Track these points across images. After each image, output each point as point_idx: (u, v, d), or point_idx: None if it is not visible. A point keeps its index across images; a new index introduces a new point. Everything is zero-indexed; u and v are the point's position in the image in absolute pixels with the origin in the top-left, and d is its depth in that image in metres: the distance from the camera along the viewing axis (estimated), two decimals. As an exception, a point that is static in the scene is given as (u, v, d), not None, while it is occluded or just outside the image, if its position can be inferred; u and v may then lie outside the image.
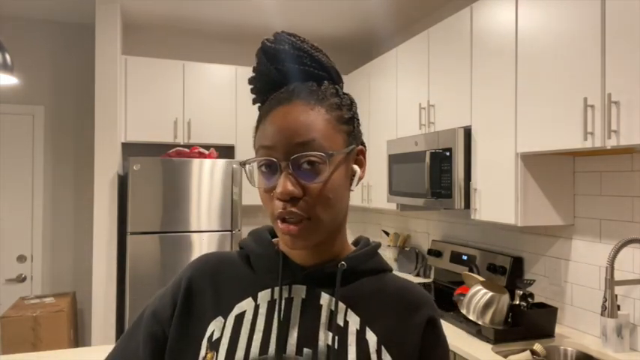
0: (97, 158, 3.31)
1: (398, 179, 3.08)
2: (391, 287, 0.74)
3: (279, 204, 0.64)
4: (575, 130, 1.87)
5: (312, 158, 0.63)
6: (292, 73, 0.69)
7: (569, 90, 1.90)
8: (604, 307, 1.81)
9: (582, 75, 1.85)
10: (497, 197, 2.32)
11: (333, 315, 0.67)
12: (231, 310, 0.69)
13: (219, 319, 0.69)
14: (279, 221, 0.65)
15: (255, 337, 0.66)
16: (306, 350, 0.65)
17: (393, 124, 3.31)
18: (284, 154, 0.63)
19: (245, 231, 3.83)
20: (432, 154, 2.66)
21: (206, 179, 3.45)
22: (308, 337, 0.66)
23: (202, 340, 0.68)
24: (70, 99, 3.88)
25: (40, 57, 3.82)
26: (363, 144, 0.75)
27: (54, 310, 3.24)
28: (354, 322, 0.68)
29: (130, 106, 3.59)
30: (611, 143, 1.72)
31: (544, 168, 2.23)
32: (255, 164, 0.67)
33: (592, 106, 1.79)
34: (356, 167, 0.71)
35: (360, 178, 0.71)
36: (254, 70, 0.72)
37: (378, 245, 0.79)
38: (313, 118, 0.65)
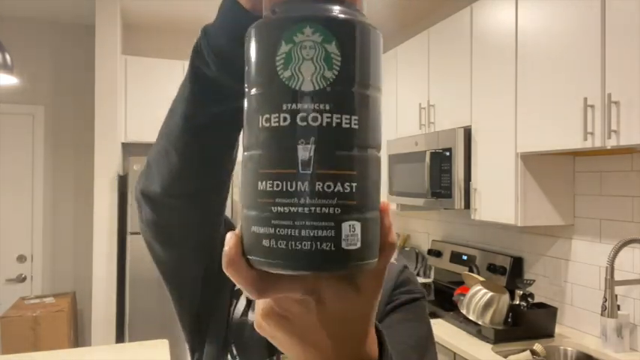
0: (97, 158, 3.31)
1: (398, 179, 3.07)
2: None
3: None
4: (575, 130, 1.87)
5: None
6: None
7: (569, 90, 1.90)
8: (604, 307, 1.81)
9: (582, 75, 1.85)
10: (497, 197, 2.31)
11: None
12: None
13: None
14: None
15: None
16: None
17: (393, 124, 3.31)
18: None
19: (245, 231, 3.83)
20: (432, 154, 2.66)
21: (206, 179, 3.45)
22: None
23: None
24: (70, 99, 3.88)
25: (40, 57, 3.82)
26: None
27: (54, 310, 3.24)
28: None
29: (130, 106, 3.59)
30: (611, 143, 1.72)
31: (544, 168, 2.23)
32: None
33: (592, 106, 1.79)
34: None
35: None
36: None
37: None
38: None
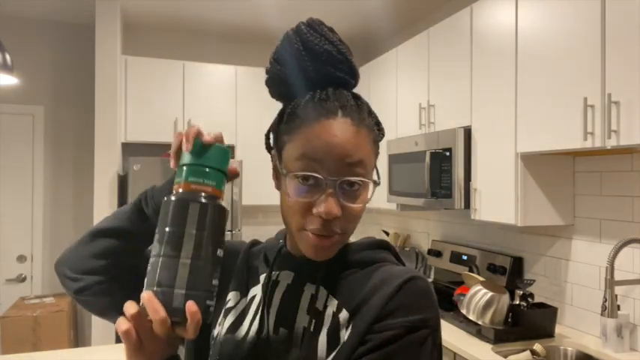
0: (97, 158, 3.31)
1: (398, 179, 3.08)
2: (379, 273, 0.69)
3: (316, 220, 0.63)
4: (575, 130, 1.87)
5: (359, 183, 0.64)
6: (330, 79, 0.68)
7: (569, 90, 1.90)
8: (604, 307, 1.81)
9: (582, 75, 1.85)
10: (497, 197, 2.31)
11: (313, 299, 0.69)
12: (248, 292, 0.77)
13: (237, 294, 0.77)
14: (309, 233, 0.65)
15: (246, 318, 0.73)
16: (282, 330, 0.69)
17: (393, 124, 3.31)
18: (330, 172, 0.63)
19: (245, 231, 3.83)
20: (432, 154, 2.66)
21: (206, 179, 3.45)
22: (286, 318, 0.69)
23: (223, 302, 0.77)
24: (70, 99, 3.88)
25: (40, 57, 3.82)
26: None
27: (54, 310, 3.24)
28: (332, 305, 0.68)
29: (130, 106, 3.59)
30: (611, 143, 1.72)
31: (544, 168, 2.23)
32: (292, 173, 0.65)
33: (592, 106, 1.79)
34: None
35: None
36: (282, 59, 0.69)
37: (379, 241, 0.76)
38: (361, 139, 0.65)
